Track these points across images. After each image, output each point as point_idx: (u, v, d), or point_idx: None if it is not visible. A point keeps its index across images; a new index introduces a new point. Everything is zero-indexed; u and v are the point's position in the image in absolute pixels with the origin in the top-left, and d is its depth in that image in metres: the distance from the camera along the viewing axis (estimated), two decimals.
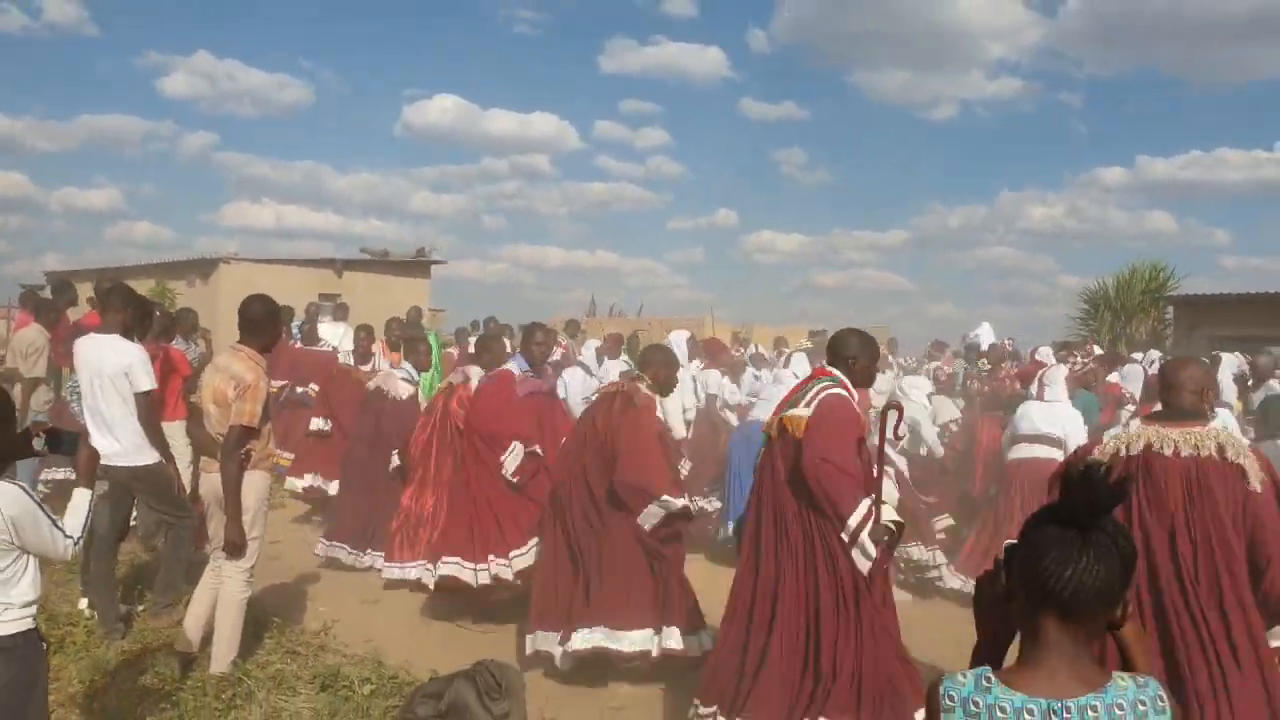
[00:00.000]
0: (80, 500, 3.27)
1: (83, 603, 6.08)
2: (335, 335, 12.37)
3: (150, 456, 5.71)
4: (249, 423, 4.92)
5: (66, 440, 3.35)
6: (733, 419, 10.05)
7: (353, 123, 58.49)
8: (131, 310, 5.86)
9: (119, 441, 5.57)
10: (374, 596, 7.13)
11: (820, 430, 4.33)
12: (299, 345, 11.42)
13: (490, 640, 6.10)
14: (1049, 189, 60.91)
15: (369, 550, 7.78)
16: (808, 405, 4.44)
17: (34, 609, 3.11)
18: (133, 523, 6.52)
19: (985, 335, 12.16)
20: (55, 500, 5.26)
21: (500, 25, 54.13)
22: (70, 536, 3.14)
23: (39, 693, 3.16)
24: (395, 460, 7.50)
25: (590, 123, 66.86)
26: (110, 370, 5.60)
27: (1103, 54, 52.21)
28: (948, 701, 1.77)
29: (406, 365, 8.49)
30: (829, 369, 4.63)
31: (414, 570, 6.89)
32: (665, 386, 5.73)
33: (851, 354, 4.64)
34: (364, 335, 10.36)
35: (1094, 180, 52.58)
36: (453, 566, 6.27)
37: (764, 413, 9.47)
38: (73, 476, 5.51)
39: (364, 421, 8.27)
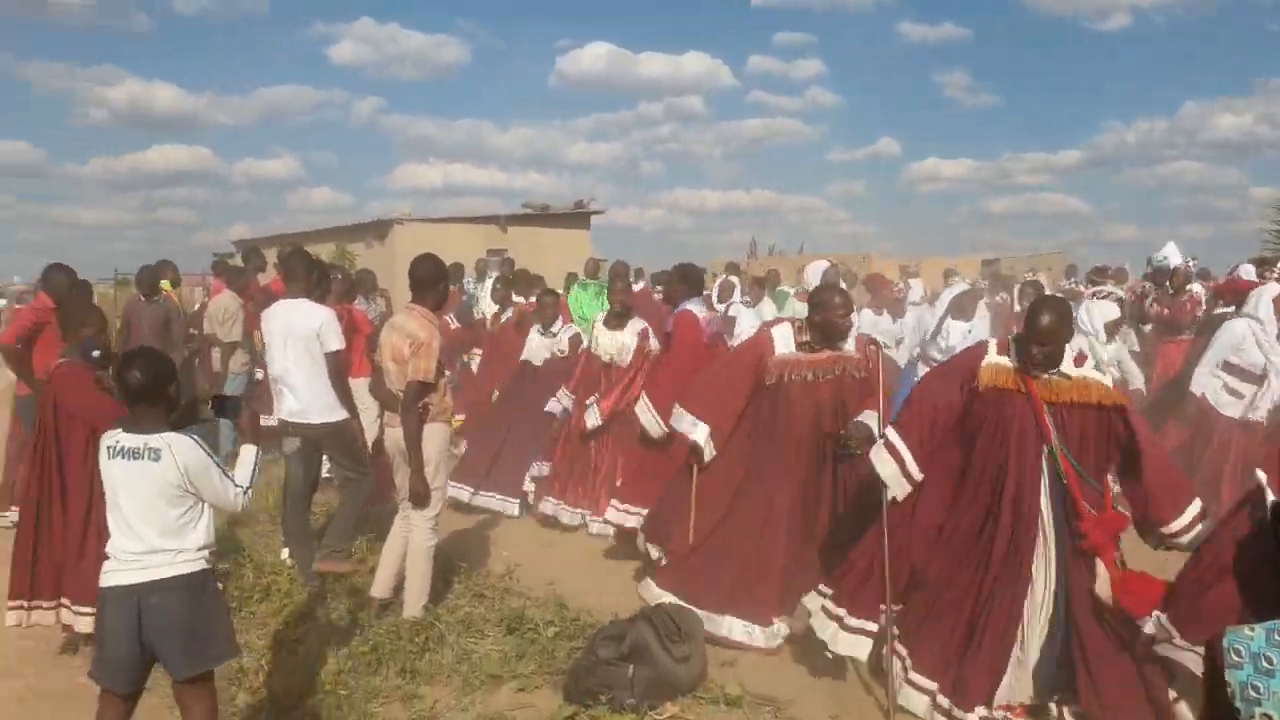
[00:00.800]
0: (247, 454, 3.58)
1: (284, 553, 6.46)
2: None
3: (339, 414, 5.98)
4: (424, 378, 5.09)
5: (230, 406, 3.71)
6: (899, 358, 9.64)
7: (509, 78, 59.77)
8: (313, 275, 6.13)
9: (310, 400, 5.87)
10: (550, 540, 7.34)
11: None
12: (454, 326, 10.92)
13: None
14: (1236, 96, 56.51)
15: (483, 491, 8.07)
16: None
17: (207, 552, 3.43)
18: (327, 474, 6.87)
19: (1172, 255, 11.38)
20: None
21: None
22: (240, 486, 3.45)
23: (220, 625, 3.48)
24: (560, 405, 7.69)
25: (743, 58, 66.01)
26: (301, 333, 5.86)
27: None
28: (1234, 656, 1.61)
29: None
30: None
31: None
32: (824, 330, 5.25)
33: None
34: (499, 286, 10.62)
35: None
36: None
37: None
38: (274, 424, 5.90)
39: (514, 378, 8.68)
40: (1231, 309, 7.57)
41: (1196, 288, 9.89)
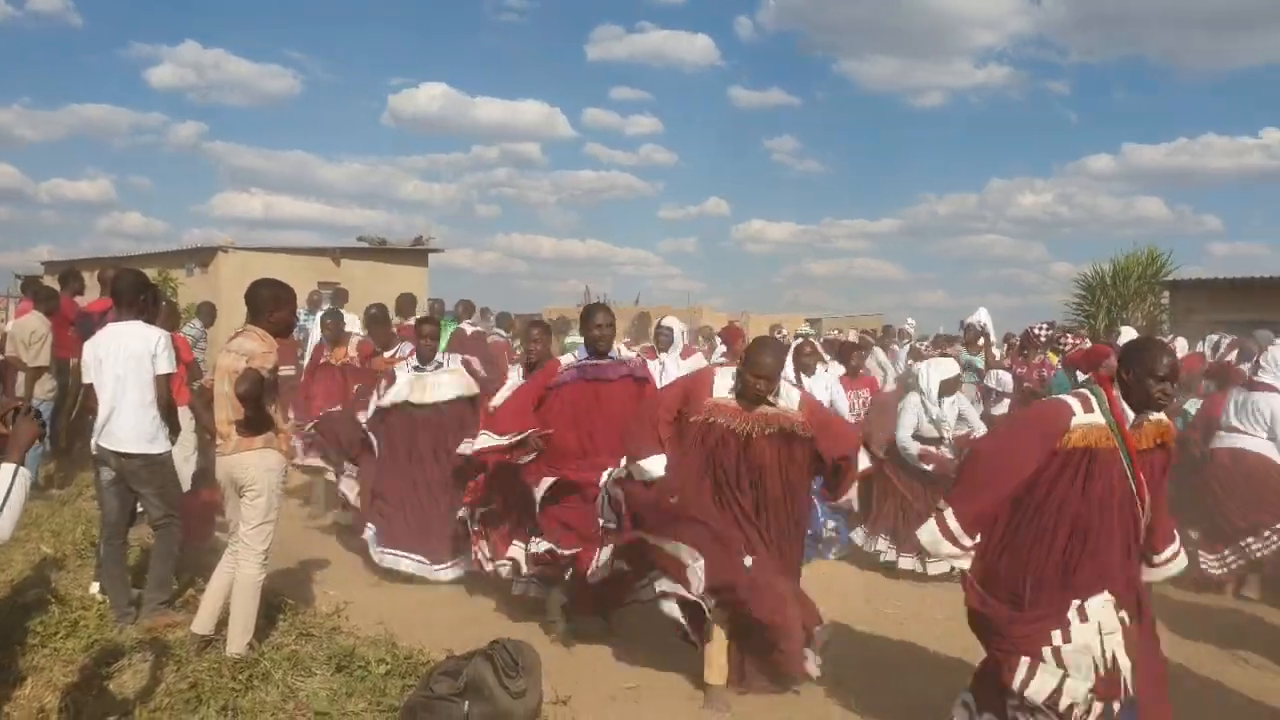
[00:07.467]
0: (2, 475, 3.04)
1: (94, 587, 6.10)
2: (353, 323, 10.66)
3: (162, 446, 5.72)
4: (261, 365, 4.93)
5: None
6: None
7: (340, 112, 58.76)
8: (143, 297, 5.83)
9: (132, 428, 5.58)
10: (379, 580, 7.17)
11: None
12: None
13: (501, 622, 6.15)
14: (1038, 176, 61.17)
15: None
16: None
17: None
18: (140, 508, 6.52)
19: (984, 318, 12.20)
20: None
21: (487, 12, 54.32)
22: None
23: None
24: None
25: (580, 110, 66.94)
26: (134, 355, 5.58)
27: (1089, 42, 52.76)
28: None
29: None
30: None
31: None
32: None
33: None
34: (331, 321, 9.36)
35: (1082, 168, 53.31)
36: None
37: None
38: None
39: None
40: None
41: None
